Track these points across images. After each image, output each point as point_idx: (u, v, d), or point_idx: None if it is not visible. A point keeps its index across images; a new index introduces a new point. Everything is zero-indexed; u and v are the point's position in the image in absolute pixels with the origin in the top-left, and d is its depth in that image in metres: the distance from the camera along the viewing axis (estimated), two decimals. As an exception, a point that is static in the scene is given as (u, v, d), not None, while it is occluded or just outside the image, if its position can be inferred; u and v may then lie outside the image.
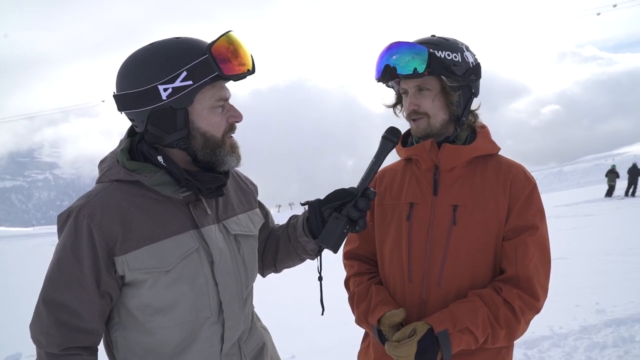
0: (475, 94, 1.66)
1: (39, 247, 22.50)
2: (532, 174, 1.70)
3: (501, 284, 1.57)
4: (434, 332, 1.48)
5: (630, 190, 21.14)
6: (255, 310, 1.68)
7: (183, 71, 1.29)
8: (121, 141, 1.47)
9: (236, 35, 1.36)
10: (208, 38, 1.39)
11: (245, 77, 1.37)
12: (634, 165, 21.67)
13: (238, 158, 1.44)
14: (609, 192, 21.42)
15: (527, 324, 1.59)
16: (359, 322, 1.75)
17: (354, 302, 1.76)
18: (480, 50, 1.68)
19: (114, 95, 1.37)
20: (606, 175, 22.14)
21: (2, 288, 10.01)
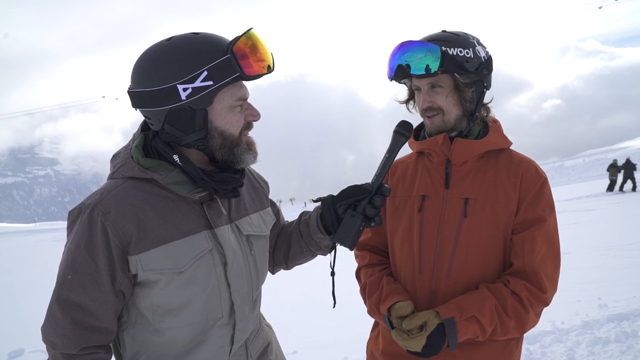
0: (488, 87, 1.68)
1: (40, 243, 22.53)
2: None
3: (509, 276, 1.60)
4: (441, 318, 1.51)
5: (631, 186, 21.12)
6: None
7: (204, 71, 1.25)
8: (134, 135, 1.44)
9: (257, 32, 1.31)
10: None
11: (265, 75, 1.34)
12: (628, 160, 21.69)
13: (255, 155, 1.41)
14: (611, 187, 21.42)
15: (538, 316, 1.61)
16: (370, 312, 1.77)
17: (365, 293, 1.78)
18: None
19: (128, 91, 1.34)
20: (608, 170, 22.14)
21: (4, 284, 10.04)
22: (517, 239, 1.60)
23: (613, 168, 21.82)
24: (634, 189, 20.97)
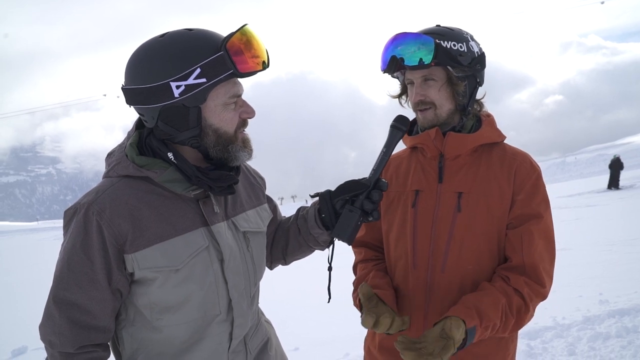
0: (480, 83, 1.67)
1: (42, 241, 22.59)
2: (534, 164, 1.70)
3: (507, 272, 1.58)
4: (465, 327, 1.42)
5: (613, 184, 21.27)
6: (259, 303, 1.67)
7: (197, 68, 1.24)
8: (129, 133, 1.43)
9: (251, 28, 1.30)
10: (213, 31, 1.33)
11: (260, 72, 1.33)
12: (618, 159, 21.81)
13: (250, 152, 1.40)
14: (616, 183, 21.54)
15: (534, 310, 1.60)
16: (355, 304, 1.75)
17: (354, 286, 1.78)
18: (484, 41, 1.67)
19: (122, 88, 1.33)
20: (609, 166, 22.21)
21: (7, 283, 10.07)
22: (513, 234, 1.59)
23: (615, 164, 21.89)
24: (617, 186, 21.11)
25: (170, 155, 1.33)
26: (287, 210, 1.78)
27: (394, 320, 1.50)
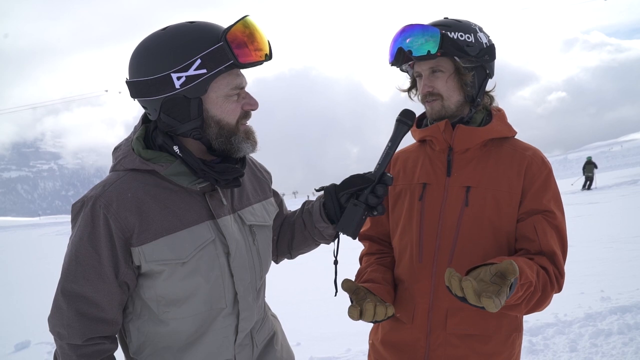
0: (490, 75, 1.66)
1: (44, 236, 22.64)
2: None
3: (530, 255, 1.54)
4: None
5: (587, 184, 21.80)
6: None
7: (197, 59, 1.25)
8: (135, 127, 1.44)
9: (253, 19, 1.30)
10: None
11: (262, 63, 1.32)
12: (588, 160, 22.42)
13: (254, 144, 1.40)
14: (589, 185, 22.06)
15: (552, 296, 1.53)
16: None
17: (355, 277, 1.79)
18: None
19: (126, 82, 1.34)
20: (583, 168, 22.56)
21: (9, 278, 10.11)
22: (525, 225, 1.57)
23: (589, 165, 22.30)
24: (589, 187, 21.37)
25: (175, 148, 1.33)
26: (289, 206, 1.78)
27: (377, 307, 1.47)
